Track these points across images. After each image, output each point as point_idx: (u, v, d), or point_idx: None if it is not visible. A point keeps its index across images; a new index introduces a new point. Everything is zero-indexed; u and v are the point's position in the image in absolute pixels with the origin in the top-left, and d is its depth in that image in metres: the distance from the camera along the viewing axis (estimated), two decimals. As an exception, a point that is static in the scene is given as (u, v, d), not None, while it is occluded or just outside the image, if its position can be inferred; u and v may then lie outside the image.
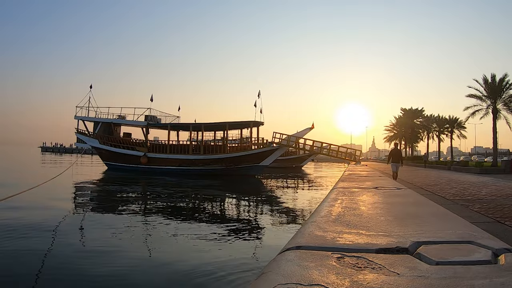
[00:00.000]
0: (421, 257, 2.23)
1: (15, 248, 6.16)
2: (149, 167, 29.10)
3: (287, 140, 29.45)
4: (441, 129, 53.49)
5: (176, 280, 4.86)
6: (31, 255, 5.76)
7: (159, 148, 30.41)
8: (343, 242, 2.64)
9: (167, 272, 5.15)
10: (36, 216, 8.93)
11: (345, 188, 8.25)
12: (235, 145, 32.94)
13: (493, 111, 30.12)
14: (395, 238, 2.75)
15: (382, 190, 7.78)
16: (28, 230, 7.47)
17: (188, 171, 28.49)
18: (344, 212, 4.31)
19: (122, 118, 32.05)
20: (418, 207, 5.15)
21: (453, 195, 7.57)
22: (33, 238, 6.92)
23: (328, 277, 1.84)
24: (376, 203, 5.35)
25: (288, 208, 12.34)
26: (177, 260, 5.73)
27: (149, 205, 12.63)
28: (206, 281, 4.83)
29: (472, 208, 5.47)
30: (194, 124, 31.40)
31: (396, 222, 3.57)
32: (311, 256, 2.23)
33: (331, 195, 6.60)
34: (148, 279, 4.93)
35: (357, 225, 3.39)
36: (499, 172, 21.69)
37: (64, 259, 5.67)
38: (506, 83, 30.15)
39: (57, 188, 14.19)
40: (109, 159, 30.87)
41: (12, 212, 8.62)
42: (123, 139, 31.56)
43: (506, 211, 5.06)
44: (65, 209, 10.50)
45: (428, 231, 3.10)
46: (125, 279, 4.92)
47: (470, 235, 2.94)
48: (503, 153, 63.40)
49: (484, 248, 2.44)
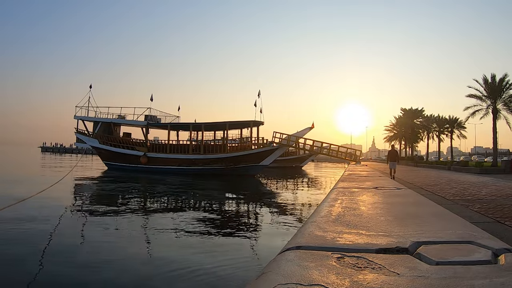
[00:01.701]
0: (421, 257, 2.23)
1: (14, 251, 6.16)
2: (149, 167, 29.09)
3: (287, 140, 29.45)
4: (441, 129, 53.42)
5: (176, 280, 4.85)
6: (30, 256, 5.75)
7: (159, 148, 30.40)
8: (343, 242, 2.64)
9: (166, 272, 5.14)
10: (37, 221, 8.92)
11: (345, 188, 8.25)
12: (235, 144, 32.94)
13: (493, 111, 30.10)
14: (395, 238, 2.75)
15: (382, 190, 7.78)
16: (28, 231, 7.47)
17: (188, 171, 28.49)
18: (344, 212, 4.32)
19: (122, 118, 32.03)
20: (418, 207, 5.16)
21: (453, 195, 7.57)
22: (33, 238, 6.92)
23: (328, 277, 1.84)
24: (376, 203, 5.35)
25: (288, 208, 12.34)
26: (176, 260, 5.72)
27: (149, 205, 12.62)
28: (206, 281, 4.83)
29: (472, 208, 5.47)
30: (194, 124, 31.39)
31: (396, 222, 3.57)
32: (311, 256, 2.23)
33: (331, 195, 6.60)
34: (148, 279, 4.93)
35: (357, 225, 3.39)
36: (499, 172, 21.68)
37: (64, 259, 5.66)
38: (506, 83, 30.13)
39: (58, 189, 14.16)
40: (109, 159, 30.85)
41: (12, 215, 8.60)
42: (123, 139, 31.54)
43: (506, 211, 5.06)
44: (65, 209, 10.50)
45: (428, 231, 3.10)
46: (125, 279, 4.92)
47: (470, 235, 2.94)
48: (503, 153, 63.40)
49: (484, 248, 2.44)
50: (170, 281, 4.84)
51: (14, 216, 8.51)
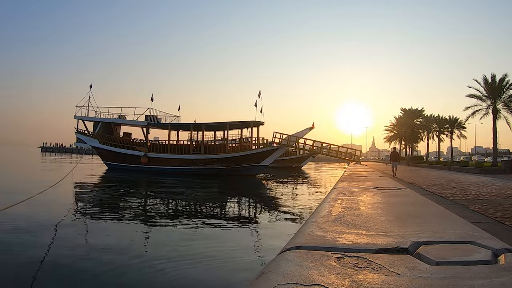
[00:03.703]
0: (421, 257, 2.23)
1: (14, 252, 6.17)
2: (149, 167, 29.08)
3: (287, 140, 29.46)
4: (441, 129, 53.42)
5: (176, 280, 4.85)
6: (30, 256, 5.75)
7: (160, 148, 30.39)
8: (343, 242, 2.64)
9: (166, 271, 5.15)
10: (38, 218, 8.94)
11: (345, 188, 8.26)
12: (235, 145, 32.93)
13: (493, 111, 30.11)
14: (395, 238, 2.75)
15: (382, 190, 7.79)
16: (28, 233, 7.47)
17: (189, 171, 28.49)
18: (344, 212, 4.32)
19: (122, 118, 31.99)
20: (418, 207, 5.16)
21: (453, 195, 7.56)
22: (33, 238, 6.93)
23: (328, 277, 1.84)
24: (376, 203, 5.35)
25: (288, 208, 12.33)
26: (176, 259, 5.72)
27: (149, 206, 12.62)
28: (205, 281, 4.83)
29: (472, 208, 5.46)
30: (195, 124, 31.37)
31: (396, 222, 3.57)
32: (311, 256, 2.23)
33: (331, 195, 6.60)
34: (148, 279, 4.93)
35: (357, 225, 3.39)
36: (499, 172, 21.67)
37: (64, 259, 5.66)
38: (506, 83, 30.15)
39: (57, 189, 14.16)
40: (109, 159, 30.84)
41: (13, 217, 8.60)
42: (123, 139, 31.52)
43: (506, 211, 5.05)
44: (65, 210, 10.50)
45: (428, 231, 3.10)
46: (124, 279, 4.92)
47: (470, 235, 2.94)
48: (503, 153, 63.31)
49: (484, 248, 2.44)
50: (169, 280, 4.84)
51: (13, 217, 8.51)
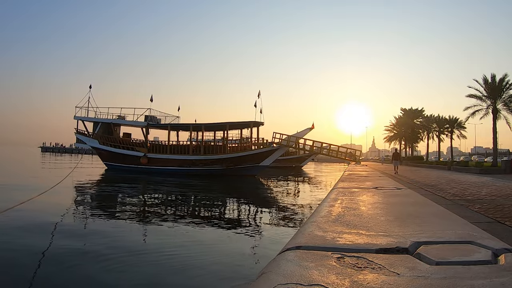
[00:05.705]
0: (421, 257, 2.23)
1: (14, 253, 6.16)
2: (149, 167, 29.07)
3: (287, 140, 29.46)
4: (441, 129, 53.41)
5: (175, 280, 4.85)
6: (29, 257, 5.75)
7: (159, 149, 30.37)
8: (343, 242, 2.64)
9: (166, 271, 5.14)
10: (38, 218, 8.93)
11: (345, 188, 8.26)
12: (235, 145, 32.92)
13: (493, 111, 30.10)
14: (395, 238, 2.75)
15: (382, 190, 7.79)
16: (28, 233, 7.47)
17: (188, 172, 28.47)
18: (344, 212, 4.31)
19: (122, 118, 31.97)
20: (418, 207, 5.16)
21: (453, 195, 7.56)
22: (33, 239, 6.92)
23: (328, 277, 1.84)
24: (376, 203, 5.35)
25: (288, 208, 12.33)
26: (176, 259, 5.72)
27: (149, 206, 12.62)
28: (205, 281, 4.83)
29: (472, 208, 5.46)
30: (194, 124, 31.35)
31: (396, 222, 3.56)
32: (311, 256, 2.23)
33: (331, 195, 6.60)
34: (148, 279, 4.93)
35: (357, 225, 3.39)
36: (499, 172, 21.67)
37: (63, 259, 5.66)
38: (506, 83, 30.15)
39: (58, 190, 14.15)
40: (109, 159, 30.83)
41: (13, 217, 8.60)
42: (123, 140, 31.50)
43: (506, 211, 5.05)
44: (65, 210, 10.49)
45: (428, 231, 3.09)
46: (124, 279, 4.91)
47: (470, 235, 2.94)
48: (503, 153, 63.23)
49: (484, 248, 2.44)
50: (169, 280, 4.83)
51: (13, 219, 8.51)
